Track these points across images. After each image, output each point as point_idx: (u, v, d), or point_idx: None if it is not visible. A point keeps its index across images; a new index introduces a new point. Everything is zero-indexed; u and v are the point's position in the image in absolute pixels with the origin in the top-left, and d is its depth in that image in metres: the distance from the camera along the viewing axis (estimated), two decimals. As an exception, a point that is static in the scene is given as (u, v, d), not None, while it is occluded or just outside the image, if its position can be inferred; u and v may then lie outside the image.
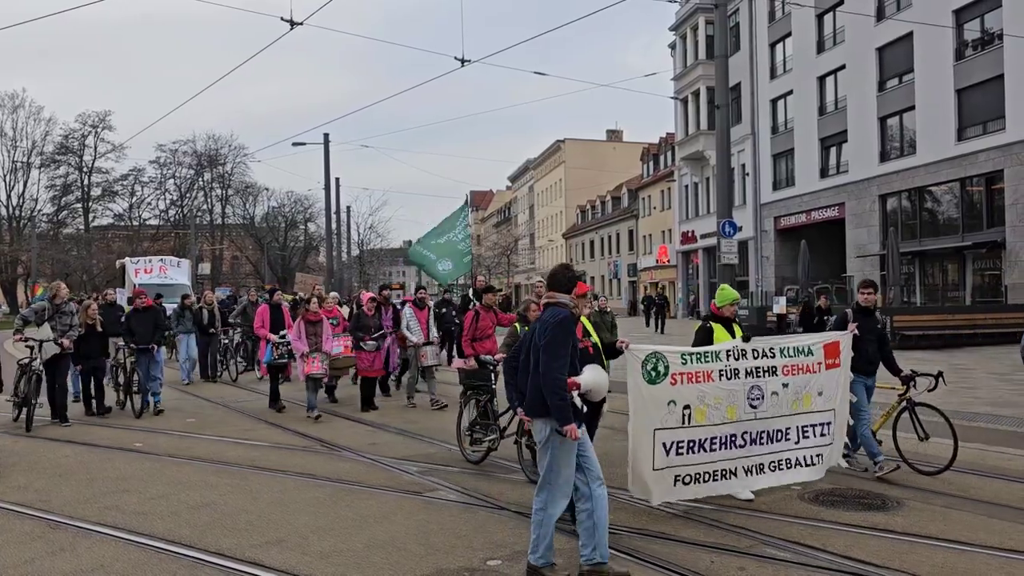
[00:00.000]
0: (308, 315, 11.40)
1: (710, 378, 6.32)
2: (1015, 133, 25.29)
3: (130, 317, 12.27)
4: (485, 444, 7.79)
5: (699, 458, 6.29)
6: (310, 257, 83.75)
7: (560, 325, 4.76)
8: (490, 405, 7.96)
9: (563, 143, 73.04)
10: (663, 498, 6.21)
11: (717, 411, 6.31)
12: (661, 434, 6.12)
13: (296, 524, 6.08)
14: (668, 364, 6.15)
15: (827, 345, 6.99)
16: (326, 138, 38.21)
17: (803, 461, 6.81)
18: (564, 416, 4.64)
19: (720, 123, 18.57)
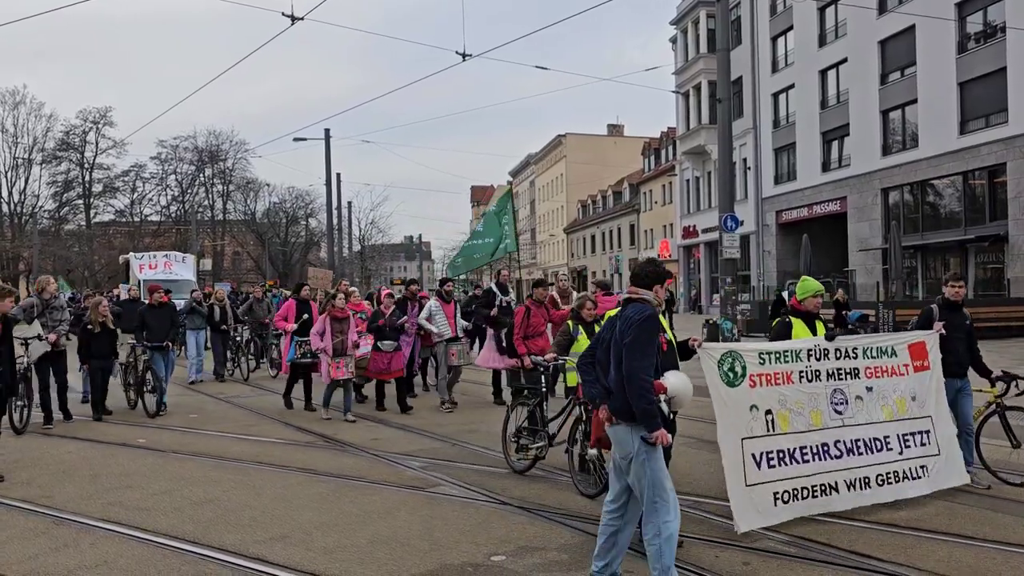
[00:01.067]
0: (334, 311, 10.64)
1: (790, 380, 5.81)
2: (1018, 126, 25.21)
3: (145, 313, 11.88)
4: (532, 452, 7.17)
5: (793, 470, 5.68)
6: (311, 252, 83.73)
7: (645, 323, 4.39)
8: (539, 410, 7.32)
9: (564, 138, 72.93)
10: (764, 521, 5.48)
11: (801, 417, 5.79)
12: (750, 444, 5.56)
13: (300, 520, 6.07)
14: (745, 364, 5.65)
15: (912, 346, 6.48)
16: (327, 134, 38.21)
17: (909, 474, 6.18)
18: (652, 421, 4.26)
19: (722, 117, 18.54)
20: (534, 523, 5.89)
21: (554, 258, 76.85)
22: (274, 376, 15.16)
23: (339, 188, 44.21)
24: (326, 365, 10.51)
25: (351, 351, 10.65)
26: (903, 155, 30.30)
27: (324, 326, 10.53)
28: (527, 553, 5.24)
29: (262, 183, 76.78)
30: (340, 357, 10.48)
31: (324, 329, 10.50)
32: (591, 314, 7.53)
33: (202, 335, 15.67)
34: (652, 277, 4.65)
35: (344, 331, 10.59)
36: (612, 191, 64.31)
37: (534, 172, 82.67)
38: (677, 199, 48.96)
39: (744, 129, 39.24)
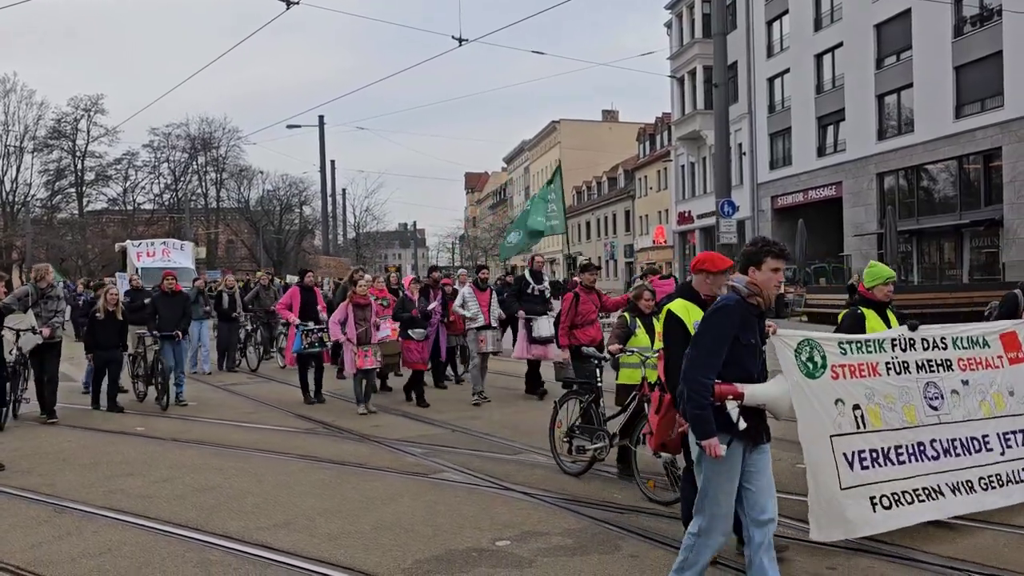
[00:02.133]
0: (356, 298, 9.98)
1: (876, 372, 5.26)
2: (1014, 110, 25.18)
3: (157, 301, 11.44)
4: (589, 453, 6.57)
5: (890, 472, 5.09)
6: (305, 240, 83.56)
7: (717, 315, 3.84)
8: (595, 407, 6.69)
9: (558, 124, 72.68)
10: (860, 530, 4.90)
11: (893, 412, 5.23)
12: (840, 442, 4.96)
13: (302, 506, 6.07)
14: (825, 354, 5.07)
15: (1004, 336, 5.95)
16: (321, 120, 38.23)
17: (1013, 477, 5.57)
18: (700, 427, 3.77)
19: (718, 102, 18.49)
20: (537, 508, 5.90)
21: (549, 245, 76.78)
22: (282, 367, 14.78)
23: (333, 175, 44.29)
24: (351, 355, 9.91)
25: (375, 339, 10.16)
26: (899, 140, 30.28)
27: (346, 314, 9.95)
28: (531, 538, 5.24)
29: (255, 171, 76.38)
30: (366, 346, 9.93)
31: (346, 317, 9.93)
32: (649, 305, 6.82)
33: (206, 325, 14.96)
34: (744, 257, 3.95)
35: (367, 318, 10.06)
36: (607, 177, 64.23)
37: (528, 159, 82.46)
38: (672, 185, 48.91)
39: (740, 114, 39.14)
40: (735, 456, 3.84)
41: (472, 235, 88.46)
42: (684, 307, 4.60)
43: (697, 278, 4.74)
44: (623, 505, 5.93)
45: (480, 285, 11.08)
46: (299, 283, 11.97)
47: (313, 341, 10.82)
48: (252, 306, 15.68)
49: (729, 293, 3.93)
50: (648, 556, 4.88)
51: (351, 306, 9.97)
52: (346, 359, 10.11)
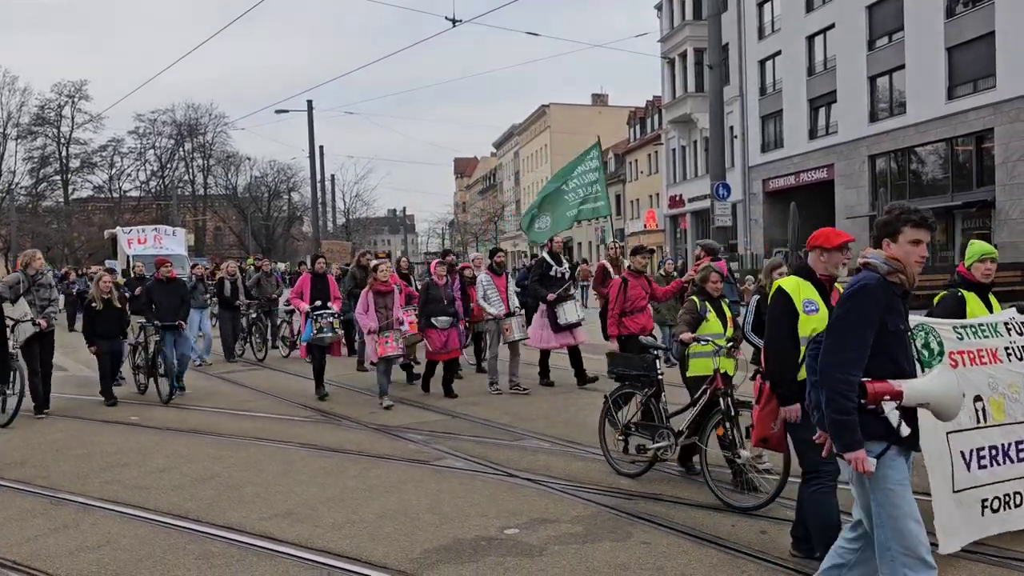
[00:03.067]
0: (377, 284, 9.45)
1: (997, 358, 4.74)
2: (1006, 91, 25.14)
3: (152, 289, 10.77)
4: (651, 452, 6.00)
5: (1005, 471, 4.60)
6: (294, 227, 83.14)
7: (858, 296, 3.21)
8: (655, 402, 6.13)
9: (548, 108, 72.33)
10: (968, 535, 4.41)
11: (1018, 403, 4.71)
12: (957, 439, 4.47)
13: (304, 496, 5.95)
14: (942, 339, 4.61)
15: None
16: (309, 105, 37.73)
17: None
18: (844, 437, 3.14)
19: (713, 83, 18.34)
20: (543, 496, 5.80)
21: (539, 229, 76.53)
22: (285, 356, 14.54)
23: (322, 161, 43.91)
24: (372, 343, 9.37)
25: (398, 326, 9.56)
26: (890, 121, 30.22)
27: (368, 302, 9.38)
28: (540, 526, 5.14)
29: (243, 157, 76.06)
30: (387, 332, 9.31)
31: (368, 306, 9.37)
32: (718, 287, 6.24)
33: (206, 313, 14.42)
34: (878, 228, 3.37)
35: (389, 306, 9.48)
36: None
37: (518, 143, 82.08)
38: (663, 169, 48.77)
39: (731, 97, 38.95)
40: (901, 466, 3.19)
41: (462, 220, 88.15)
42: (796, 284, 4.15)
43: (812, 256, 4.27)
44: (631, 491, 5.84)
45: (496, 270, 10.39)
46: (310, 269, 11.10)
47: (323, 326, 10.00)
48: (255, 293, 15.07)
49: (865, 272, 3.31)
50: (660, 543, 4.79)
51: (371, 294, 9.43)
52: (368, 347, 9.68)
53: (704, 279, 6.24)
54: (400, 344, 9.49)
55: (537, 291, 10.46)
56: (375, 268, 9.76)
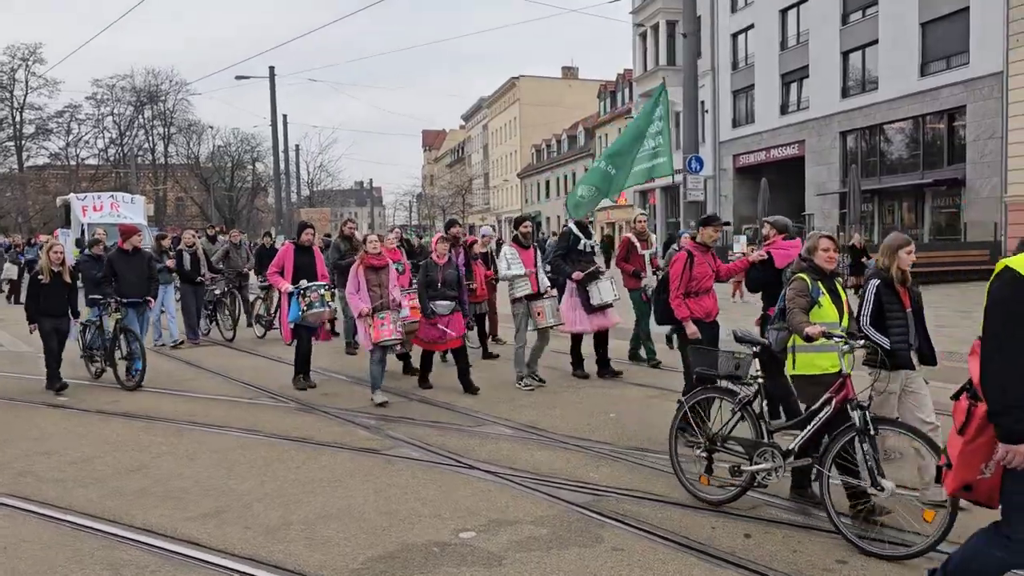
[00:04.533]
0: (369, 258, 8.06)
1: None
2: (979, 68, 24.89)
3: (114, 262, 9.52)
4: (746, 476, 4.77)
5: None
6: (258, 198, 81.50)
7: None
8: (752, 412, 4.88)
9: (517, 80, 71.34)
10: None
11: None
12: None
13: (238, 490, 5.35)
14: None
15: None
16: (271, 71, 36.51)
17: None
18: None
19: (687, 52, 17.77)
20: (504, 491, 5.26)
21: (508, 203, 75.92)
22: (260, 337, 12.97)
23: (286, 130, 42.59)
24: (365, 328, 7.99)
25: (395, 306, 8.16)
26: (862, 98, 29.92)
27: (359, 280, 8.03)
28: (499, 528, 4.60)
29: (205, 125, 74.14)
30: (383, 312, 7.94)
31: (360, 285, 8.03)
32: (833, 260, 4.91)
33: (170, 289, 12.84)
34: None
35: (383, 283, 8.13)
36: (567, 135, 63.28)
37: (487, 116, 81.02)
38: (633, 143, 48.18)
39: (702, 71, 38.35)
40: None
41: (429, 194, 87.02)
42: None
43: None
44: (601, 486, 5.32)
45: (523, 242, 8.89)
46: (294, 241, 9.43)
47: (312, 300, 8.64)
48: (222, 267, 13.62)
49: None
50: (634, 549, 4.28)
51: (363, 270, 8.05)
52: (360, 333, 8.25)
53: (812, 249, 4.91)
54: (399, 328, 8.02)
55: (560, 268, 9.06)
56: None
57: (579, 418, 7.20)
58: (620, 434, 6.62)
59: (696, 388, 5.27)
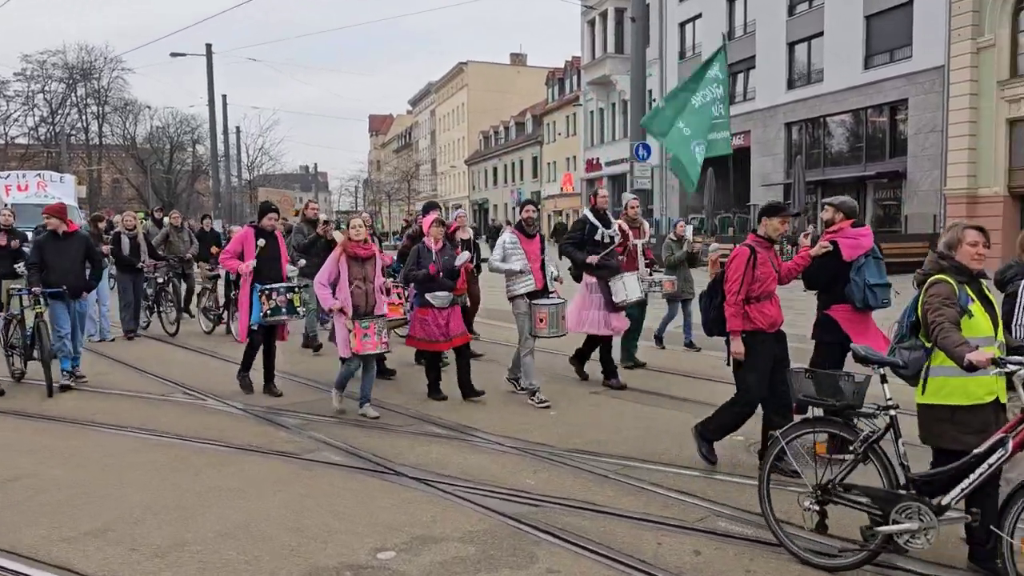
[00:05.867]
0: (353, 246, 6.76)
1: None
2: (921, 62, 25.11)
3: (43, 246, 8.13)
4: (878, 538, 3.70)
5: None
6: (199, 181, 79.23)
7: None
8: (881, 453, 3.80)
9: (465, 66, 70.49)
10: None
11: None
12: None
13: (130, 502, 4.73)
14: None
15: None
16: (208, 49, 35.18)
17: None
18: None
19: (635, 36, 17.39)
20: (433, 501, 4.75)
21: (455, 191, 75.14)
22: (208, 332, 11.68)
23: (225, 111, 41.20)
24: (344, 331, 6.73)
25: (382, 308, 6.97)
26: (808, 89, 30.04)
27: (337, 270, 6.75)
28: (423, 546, 4.09)
29: (142, 105, 71.52)
30: (368, 320, 6.70)
31: (337, 276, 6.75)
32: (980, 259, 3.81)
33: (105, 277, 11.39)
34: None
35: (368, 276, 6.85)
36: (515, 122, 62.74)
37: (435, 101, 79.98)
38: (581, 131, 47.96)
39: (650, 59, 38.25)
40: None
41: (376, 179, 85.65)
42: None
43: None
44: (538, 494, 4.85)
45: (527, 230, 7.49)
46: (254, 224, 7.98)
47: (279, 304, 7.41)
48: (163, 252, 12.43)
49: None
50: (571, 571, 3.81)
51: (345, 259, 6.76)
52: (338, 338, 6.95)
53: (953, 243, 3.81)
54: (385, 337, 6.83)
55: (571, 253, 7.86)
56: (348, 225, 7.03)
57: (517, 417, 6.74)
58: (561, 435, 6.17)
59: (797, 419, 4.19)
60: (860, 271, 5.35)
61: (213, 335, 11.53)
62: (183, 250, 12.84)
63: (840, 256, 5.38)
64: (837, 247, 5.39)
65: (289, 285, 7.63)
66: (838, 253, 5.38)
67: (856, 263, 5.34)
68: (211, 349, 10.34)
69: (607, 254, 7.76)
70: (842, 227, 5.52)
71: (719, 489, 4.92)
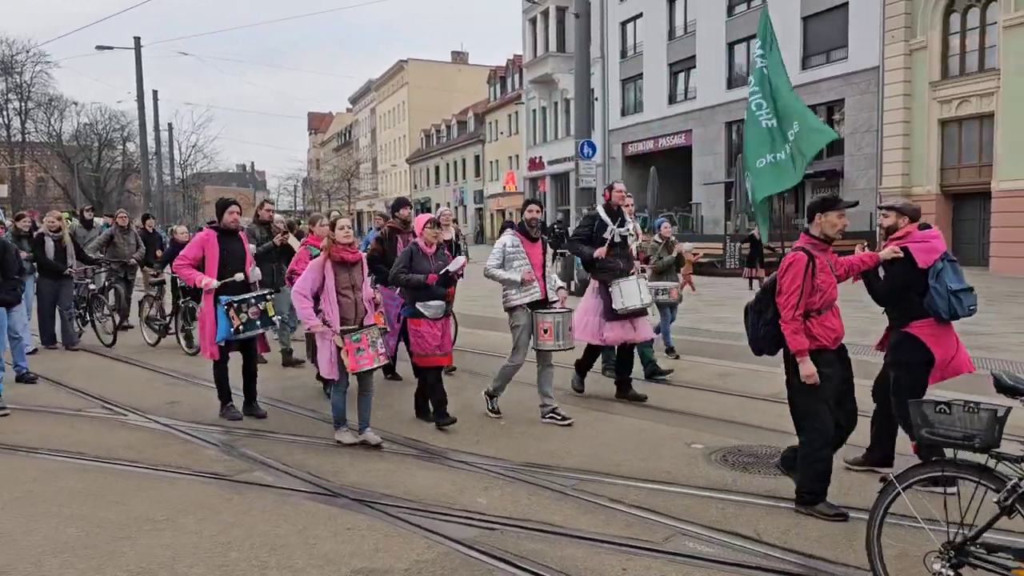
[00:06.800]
0: (339, 250, 5.85)
1: None
2: (857, 62, 25.58)
3: None
4: None
5: None
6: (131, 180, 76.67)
7: None
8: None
9: (406, 63, 69.70)
10: None
11: None
12: None
13: (31, 540, 4.21)
14: None
15: None
16: (137, 42, 33.85)
17: None
18: None
19: (579, 32, 17.18)
20: (375, 527, 4.35)
21: (396, 190, 74.24)
22: (153, 344, 10.62)
23: (156, 107, 39.75)
24: (330, 349, 5.78)
25: (373, 318, 6.06)
26: (747, 89, 30.20)
27: (320, 278, 5.80)
28: (365, 581, 3.70)
29: (68, 101, 68.92)
30: (358, 332, 5.76)
31: (321, 284, 5.81)
32: None
33: (29, 283, 10.27)
34: None
35: (356, 284, 5.97)
36: (456, 120, 62.27)
37: (375, 99, 78.90)
38: (523, 130, 47.75)
39: (592, 59, 38.18)
40: None
41: (315, 178, 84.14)
42: None
43: None
44: (491, 515, 4.49)
45: (529, 232, 6.63)
46: (214, 225, 6.88)
47: (251, 318, 6.53)
48: (104, 256, 11.46)
49: None
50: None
51: (330, 265, 5.84)
52: (320, 357, 5.93)
53: None
54: (381, 348, 5.90)
55: (579, 249, 7.38)
56: (334, 225, 6.00)
57: (466, 428, 6.36)
58: (514, 447, 5.82)
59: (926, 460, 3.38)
60: (940, 277, 4.75)
61: (159, 348, 10.51)
62: (129, 254, 11.90)
63: (913, 264, 4.78)
64: (909, 254, 4.81)
65: (260, 294, 6.66)
66: (911, 261, 4.80)
67: (933, 269, 4.76)
68: (151, 362, 9.46)
69: (617, 248, 7.16)
70: (909, 231, 4.95)
71: (682, 504, 4.64)
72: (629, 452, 5.66)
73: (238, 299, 6.48)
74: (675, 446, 5.81)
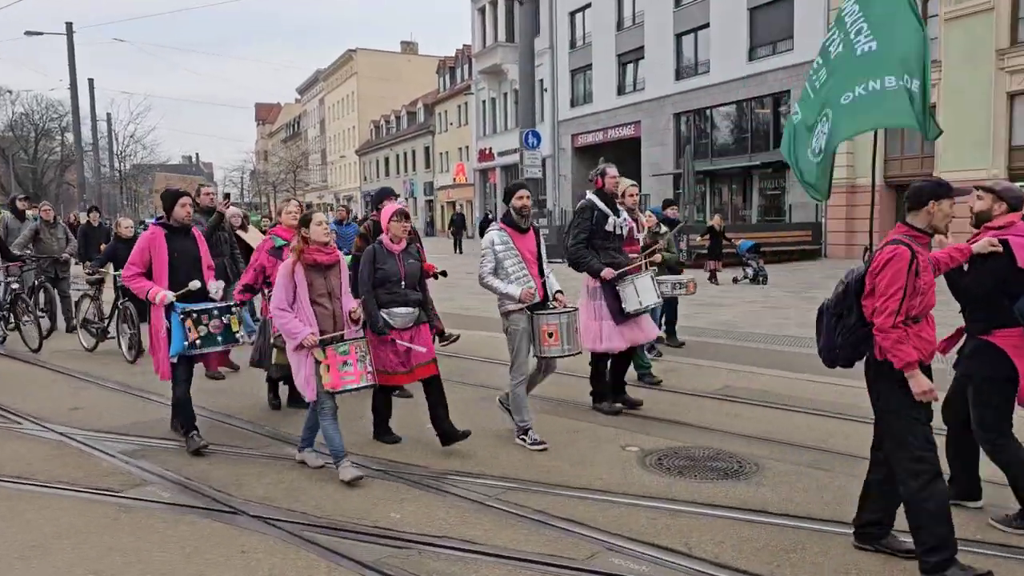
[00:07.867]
0: (311, 251, 4.97)
1: None
2: (802, 53, 25.56)
3: None
4: None
5: None
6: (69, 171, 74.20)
7: None
8: None
9: (355, 53, 68.57)
10: None
11: None
12: None
13: None
14: None
15: None
16: (69, 28, 32.53)
17: None
18: None
19: (524, 20, 16.80)
20: (274, 548, 3.95)
21: (346, 181, 73.14)
22: (90, 350, 9.64)
23: (92, 96, 38.30)
24: (309, 365, 4.89)
25: (355, 329, 5.16)
26: (695, 80, 30.32)
27: (293, 282, 4.92)
28: (252, 614, 3.31)
29: (3, 89, 66.32)
30: (345, 344, 4.90)
31: (294, 290, 4.92)
32: None
33: None
34: None
35: (333, 290, 5.09)
36: (406, 111, 61.45)
37: (323, 89, 77.55)
38: (473, 121, 47.27)
39: (541, 48, 37.86)
40: None
41: (263, 170, 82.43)
42: None
43: None
44: (403, 531, 4.12)
45: (518, 223, 5.78)
46: (162, 221, 5.85)
47: (211, 332, 5.56)
48: (31, 253, 10.87)
49: None
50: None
51: (302, 271, 4.95)
52: (299, 377, 5.01)
53: None
54: (369, 366, 4.95)
55: (586, 261, 6.38)
56: (307, 220, 5.04)
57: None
58: (436, 453, 5.45)
59: None
60: None
61: (96, 354, 9.49)
62: (56, 249, 11.11)
63: (1012, 261, 3.99)
64: (1009, 248, 4.01)
65: (225, 306, 5.71)
66: (1010, 256, 4.00)
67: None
68: (80, 370, 8.49)
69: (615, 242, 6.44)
70: (1012, 221, 4.13)
71: (612, 514, 4.32)
72: (560, 456, 5.33)
73: (198, 308, 5.52)
74: (609, 449, 5.51)
